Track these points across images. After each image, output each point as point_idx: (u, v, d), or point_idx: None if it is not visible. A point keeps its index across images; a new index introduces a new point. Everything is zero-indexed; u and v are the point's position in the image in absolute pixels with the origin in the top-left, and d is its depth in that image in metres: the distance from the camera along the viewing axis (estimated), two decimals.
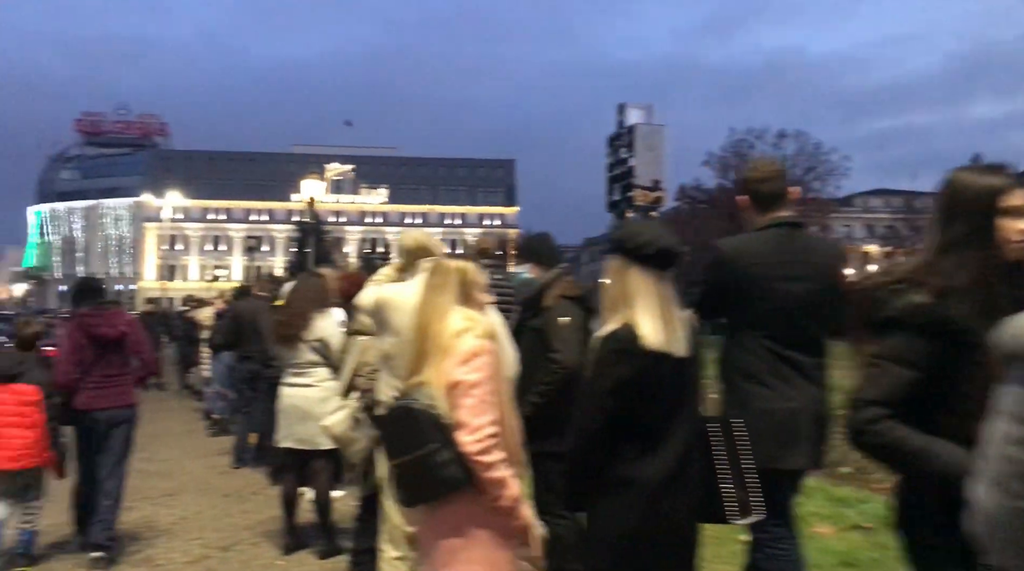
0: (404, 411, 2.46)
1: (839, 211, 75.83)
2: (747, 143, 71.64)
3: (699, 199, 72.59)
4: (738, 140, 71.29)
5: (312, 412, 5.26)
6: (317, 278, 5.53)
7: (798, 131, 71.06)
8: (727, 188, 71.53)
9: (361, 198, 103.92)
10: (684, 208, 74.56)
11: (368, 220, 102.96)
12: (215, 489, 7.51)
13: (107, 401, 5.43)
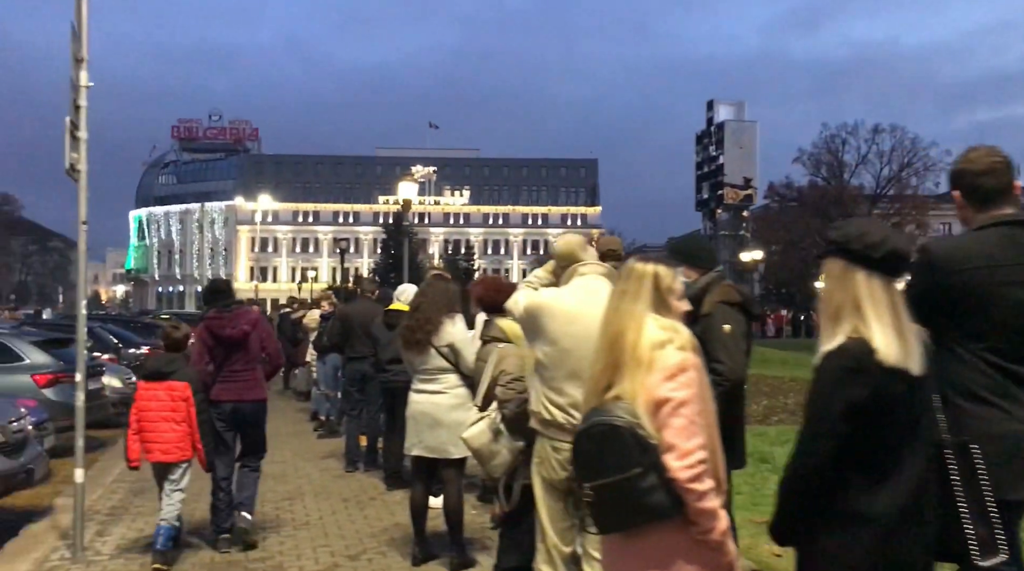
0: (607, 428, 2.24)
1: (939, 208, 72.79)
2: (840, 139, 69.76)
3: (789, 197, 70.88)
4: (830, 136, 69.42)
5: (442, 420, 5.12)
6: (446, 282, 5.38)
7: (893, 125, 68.67)
8: (818, 185, 69.76)
9: (444, 200, 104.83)
10: (773, 206, 72.94)
11: (450, 222, 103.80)
12: (333, 493, 7.47)
13: (233, 394, 5.83)
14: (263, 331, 6.15)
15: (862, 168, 70.08)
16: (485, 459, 4.21)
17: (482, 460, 4.25)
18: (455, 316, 5.25)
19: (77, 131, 5.72)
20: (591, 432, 2.28)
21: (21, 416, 6.79)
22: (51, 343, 10.49)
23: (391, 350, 7.45)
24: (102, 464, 9.22)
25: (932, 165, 67.30)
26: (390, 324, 7.53)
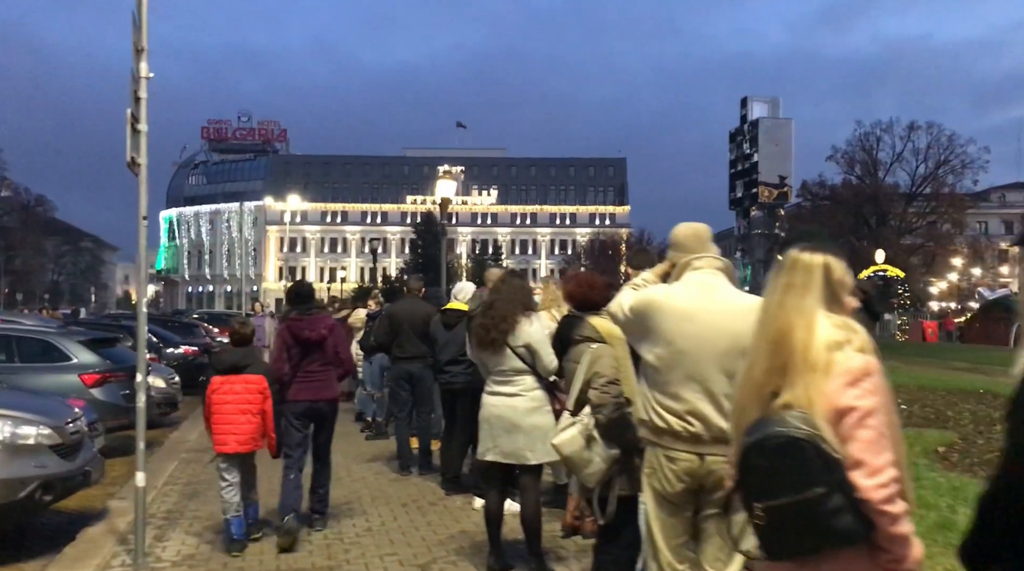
0: (785, 441, 1.97)
1: (976, 207, 71.60)
2: (874, 136, 68.78)
3: (821, 195, 69.99)
4: (864, 134, 68.47)
5: (519, 424, 4.89)
6: (521, 279, 5.14)
7: (929, 122, 67.58)
8: (852, 184, 68.83)
9: (472, 199, 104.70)
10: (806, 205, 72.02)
11: (478, 221, 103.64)
12: (391, 498, 7.26)
13: (310, 394, 6.14)
14: (338, 336, 6.45)
15: (897, 166, 69.18)
16: (578, 467, 3.96)
17: (574, 468, 4.00)
18: (532, 315, 5.01)
19: (138, 124, 5.54)
20: (765, 445, 2.01)
21: (77, 417, 6.63)
22: (98, 342, 10.39)
23: (450, 350, 7.25)
24: (151, 466, 9.04)
25: (970, 162, 66.32)
26: (448, 324, 7.32)
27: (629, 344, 3.72)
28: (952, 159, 67.10)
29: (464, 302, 7.35)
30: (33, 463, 5.94)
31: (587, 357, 3.98)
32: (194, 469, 8.82)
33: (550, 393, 4.99)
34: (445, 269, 22.67)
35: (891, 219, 67.41)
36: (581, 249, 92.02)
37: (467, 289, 7.47)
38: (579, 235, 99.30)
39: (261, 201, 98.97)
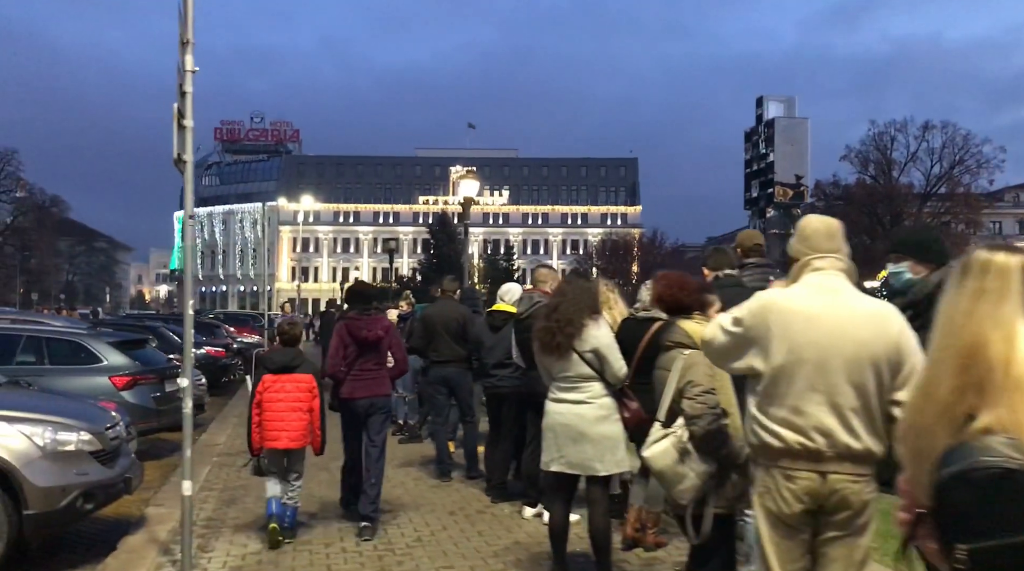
0: (997, 473, 1.72)
1: (991, 206, 70.97)
2: (888, 136, 68.18)
3: (835, 195, 69.44)
4: (878, 133, 67.94)
5: (587, 433, 4.66)
6: (586, 280, 4.91)
7: (944, 122, 66.98)
8: (866, 184, 68.29)
9: (483, 200, 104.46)
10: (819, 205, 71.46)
11: (490, 222, 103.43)
12: (436, 505, 7.05)
13: (367, 391, 6.29)
14: (394, 337, 6.63)
15: (911, 166, 68.57)
16: (670, 483, 3.73)
17: (666, 484, 3.76)
18: (599, 318, 4.78)
19: (184, 119, 5.34)
20: (971, 477, 1.75)
21: (116, 422, 6.44)
22: (128, 344, 10.22)
23: (496, 353, 7.05)
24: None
25: (985, 162, 65.68)
26: (494, 326, 7.12)
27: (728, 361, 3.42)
28: (967, 159, 66.50)
29: (511, 304, 7.14)
30: (74, 470, 5.75)
31: (679, 364, 3.75)
32: (228, 474, 8.64)
33: (618, 401, 4.76)
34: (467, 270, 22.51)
35: (905, 219, 66.86)
36: (593, 249, 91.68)
37: (514, 290, 7.26)
38: (591, 235, 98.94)
39: (274, 201, 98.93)
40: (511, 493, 7.10)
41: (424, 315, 8.17)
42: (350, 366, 6.27)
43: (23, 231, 75.58)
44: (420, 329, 8.13)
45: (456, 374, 8.00)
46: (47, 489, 5.55)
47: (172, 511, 7.03)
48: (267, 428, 6.00)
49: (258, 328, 28.99)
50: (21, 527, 5.48)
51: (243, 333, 26.41)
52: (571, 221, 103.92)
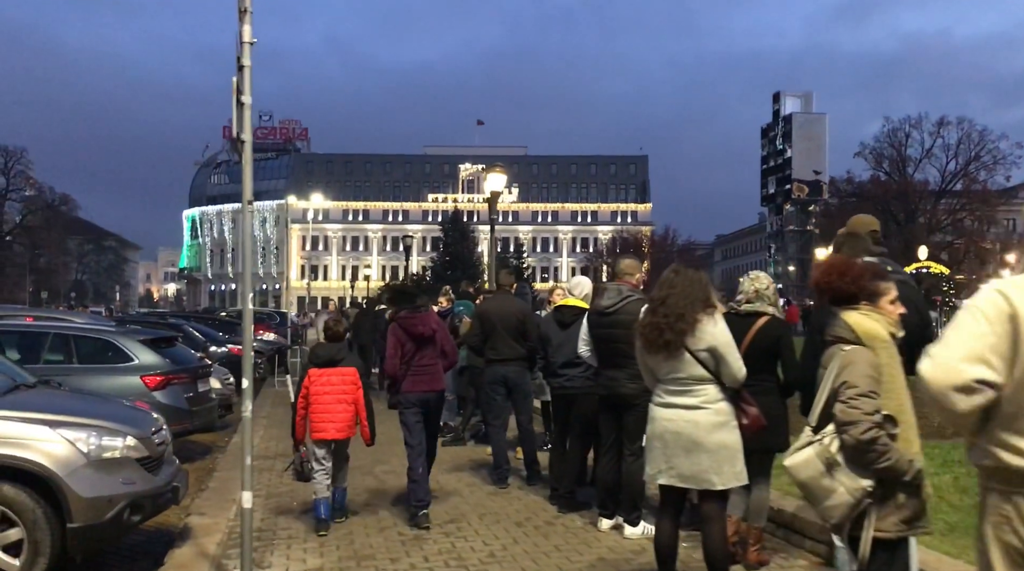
0: None
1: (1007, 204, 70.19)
2: (903, 132, 67.49)
3: (848, 192, 68.74)
4: (893, 129, 67.28)
5: (702, 442, 4.17)
6: (696, 271, 4.42)
7: (960, 117, 66.27)
8: (880, 180, 67.61)
9: None
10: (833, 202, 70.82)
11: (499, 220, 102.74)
12: (500, 515, 6.56)
13: (424, 385, 6.47)
14: (444, 331, 6.76)
15: (926, 162, 67.91)
16: (816, 497, 3.25)
17: (811, 498, 3.29)
18: (714, 312, 4.29)
19: (242, 96, 4.88)
20: None
21: (161, 426, 5.98)
22: (158, 342, 9.76)
23: (565, 352, 6.57)
24: (222, 474, 8.44)
25: (1002, 158, 64.96)
26: (563, 322, 6.63)
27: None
28: (983, 155, 65.83)
29: (580, 298, 6.66)
30: (120, 479, 5.29)
31: (836, 362, 3.27)
32: (270, 479, 8.19)
33: (735, 405, 4.28)
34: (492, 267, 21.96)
35: (919, 216, 66.22)
36: (603, 247, 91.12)
37: (583, 284, 6.77)
38: (601, 233, 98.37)
39: (283, 200, 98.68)
40: (580, 502, 6.62)
41: (481, 311, 7.67)
42: (408, 364, 6.42)
43: (32, 230, 75.38)
44: (477, 327, 7.64)
45: (516, 373, 7.53)
46: (92, 500, 5.09)
47: (216, 520, 6.60)
48: (314, 420, 6.29)
49: (275, 326, 28.57)
50: (64, 542, 5.04)
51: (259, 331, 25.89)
52: (581, 219, 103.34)
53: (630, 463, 5.82)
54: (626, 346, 5.74)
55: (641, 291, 5.94)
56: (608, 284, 6.03)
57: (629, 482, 5.79)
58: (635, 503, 5.80)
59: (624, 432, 5.86)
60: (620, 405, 5.81)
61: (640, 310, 5.75)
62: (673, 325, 4.20)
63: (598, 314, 5.90)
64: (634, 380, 5.72)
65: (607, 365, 5.88)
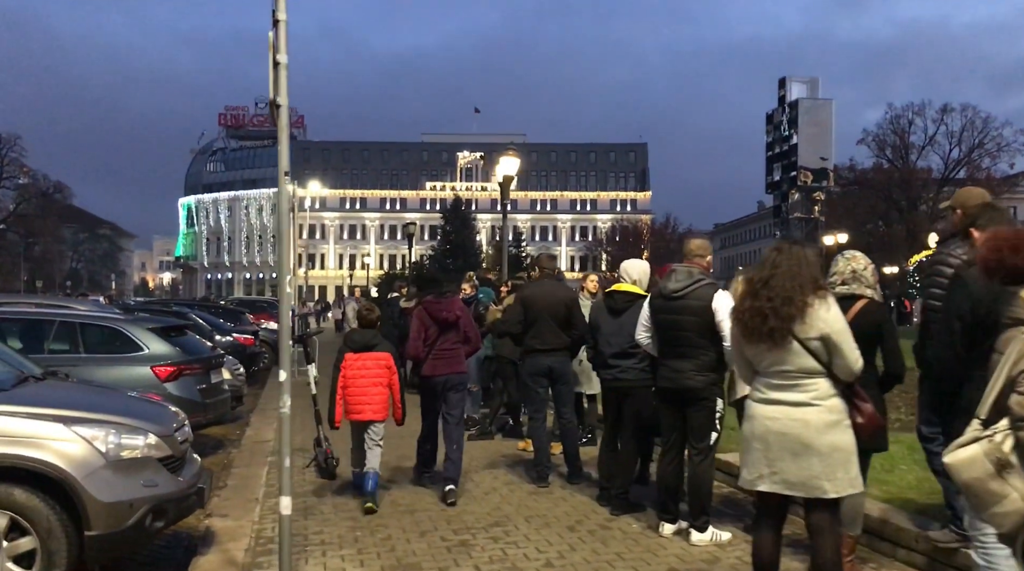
0: None
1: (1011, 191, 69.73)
2: (906, 119, 66.88)
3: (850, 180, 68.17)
4: (895, 116, 66.72)
5: (813, 443, 3.68)
6: (803, 248, 3.89)
7: (964, 104, 65.71)
8: (883, 168, 67.07)
9: (491, 186, 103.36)
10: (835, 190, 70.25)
11: (497, 208, 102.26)
12: (548, 518, 6.07)
13: (447, 368, 6.73)
14: (468, 317, 7.07)
15: (929, 149, 67.36)
16: (982, 502, 2.77)
17: (977, 502, 2.81)
18: (827, 295, 3.78)
19: (278, 54, 4.36)
20: None
21: (183, 423, 5.48)
22: (168, 330, 9.24)
23: (618, 341, 6.08)
24: (241, 471, 7.94)
25: (1006, 145, 64.40)
26: (615, 309, 6.12)
27: None
28: (987, 142, 65.30)
29: (637, 283, 6.15)
30: (142, 481, 4.79)
31: (1015, 347, 2.78)
32: (292, 475, 7.66)
33: (848, 402, 3.78)
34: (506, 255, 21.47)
35: (922, 204, 65.79)
36: (603, 236, 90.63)
37: (639, 267, 6.26)
38: (600, 222, 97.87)
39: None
40: (634, 504, 6.14)
41: (525, 297, 7.14)
42: (431, 347, 6.69)
43: (26, 218, 74.46)
44: (519, 313, 7.11)
45: (560, 364, 7.03)
46: (112, 505, 4.59)
47: (240, 523, 6.11)
48: (350, 402, 6.50)
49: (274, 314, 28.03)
50: (81, 551, 4.54)
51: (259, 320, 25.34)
52: (580, 207, 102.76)
53: (697, 463, 5.34)
54: (694, 335, 5.26)
55: (711, 275, 5.46)
56: (678, 266, 5.53)
57: (696, 484, 5.31)
58: (703, 507, 5.32)
59: (690, 429, 5.38)
60: (685, 399, 5.32)
61: (712, 296, 5.28)
62: (779, 310, 3.70)
63: (664, 298, 5.41)
64: (702, 372, 5.25)
65: (671, 355, 5.39)
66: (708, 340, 5.26)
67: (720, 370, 5.35)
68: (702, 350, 5.26)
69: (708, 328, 5.24)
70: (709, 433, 5.31)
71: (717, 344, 5.25)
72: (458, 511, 6.29)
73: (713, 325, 5.23)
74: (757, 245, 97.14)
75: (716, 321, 5.21)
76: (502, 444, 9.07)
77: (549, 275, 7.41)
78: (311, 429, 10.05)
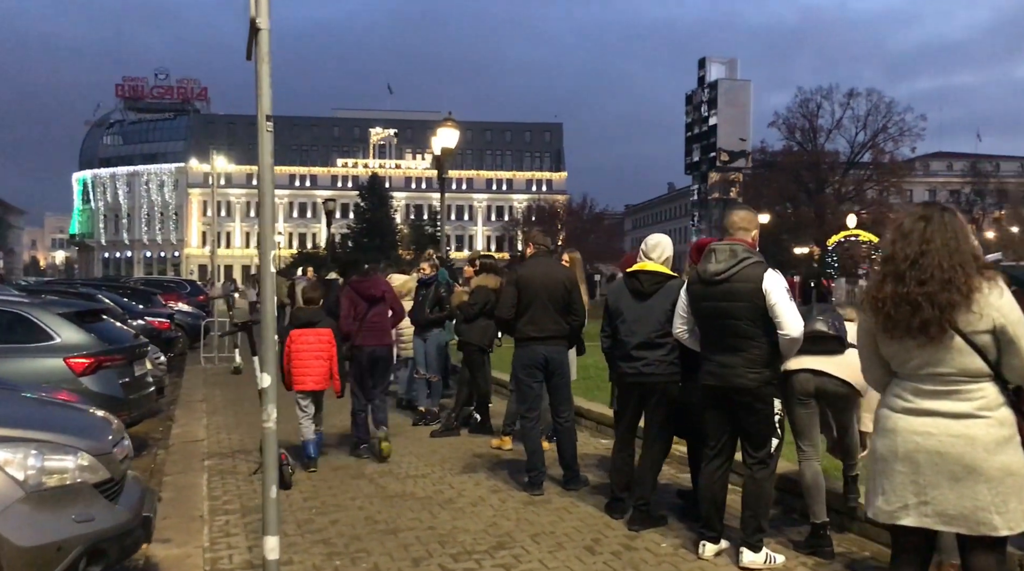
0: None
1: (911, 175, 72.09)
2: (814, 103, 68.25)
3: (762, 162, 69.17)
4: (804, 100, 68.07)
5: (978, 466, 2.88)
6: (955, 215, 3.08)
7: (870, 89, 67.42)
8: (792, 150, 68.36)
9: (405, 163, 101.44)
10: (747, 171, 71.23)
11: (412, 186, 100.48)
12: (559, 536, 5.17)
13: (374, 340, 7.50)
14: (392, 293, 7.91)
15: (836, 133, 69.02)
16: None
17: None
18: (996, 276, 2.97)
19: None
20: None
21: (121, 434, 4.37)
22: (82, 316, 7.96)
23: (644, 330, 5.23)
24: (175, 479, 6.79)
25: (908, 130, 66.40)
26: (640, 292, 5.26)
27: None
28: (890, 127, 67.27)
29: (661, 261, 5.29)
30: (73, 515, 3.69)
31: None
32: (239, 486, 6.60)
33: (1017, 412, 3.00)
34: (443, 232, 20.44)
35: (828, 186, 67.43)
36: (519, 216, 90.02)
37: (663, 243, 5.39)
38: (516, 202, 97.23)
39: (182, 163, 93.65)
40: (656, 517, 5.32)
41: (521, 277, 6.17)
42: (360, 321, 7.44)
43: None
44: (513, 296, 6.16)
45: (558, 354, 6.15)
46: (34, 550, 3.51)
47: (187, 552, 5.05)
48: (296, 374, 7.02)
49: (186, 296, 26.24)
50: None
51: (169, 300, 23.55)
52: (496, 187, 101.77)
53: (755, 472, 4.54)
54: (745, 324, 4.45)
55: (760, 253, 4.64)
56: (718, 244, 4.68)
57: (754, 497, 4.52)
58: (759, 522, 4.53)
59: (745, 436, 4.59)
60: (736, 401, 4.52)
61: (762, 276, 4.48)
62: (936, 297, 2.89)
63: (704, 283, 4.57)
64: (755, 367, 4.45)
65: (717, 349, 4.57)
66: (761, 329, 4.45)
67: (775, 365, 4.55)
68: (754, 342, 4.46)
69: (760, 315, 4.44)
70: (768, 439, 4.52)
71: (771, 333, 4.45)
72: (450, 529, 5.35)
73: (765, 311, 4.43)
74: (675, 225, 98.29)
75: (768, 305, 4.41)
76: (471, 441, 8.15)
77: (544, 253, 6.48)
78: (248, 427, 8.95)
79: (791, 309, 4.41)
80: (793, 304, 4.44)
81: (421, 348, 9.07)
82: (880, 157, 67.24)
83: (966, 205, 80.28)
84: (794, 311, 4.41)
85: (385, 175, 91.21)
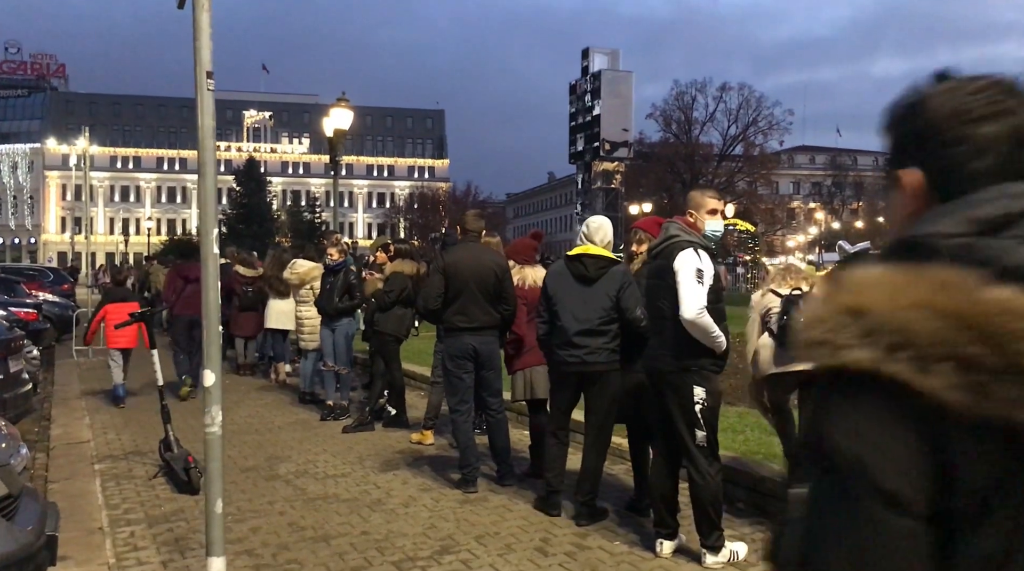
0: None
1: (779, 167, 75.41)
2: (689, 96, 70.38)
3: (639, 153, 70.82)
4: (680, 92, 70.13)
5: None
6: None
7: (741, 83, 70.14)
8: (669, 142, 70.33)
9: (282, 147, 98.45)
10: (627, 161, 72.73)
11: (289, 171, 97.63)
12: (505, 536, 4.89)
13: (193, 310, 8.65)
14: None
15: (710, 126, 71.39)
16: None
17: None
18: None
19: None
20: None
21: (18, 443, 3.80)
22: None
23: (587, 316, 5.03)
24: (62, 487, 6.12)
25: (776, 124, 69.38)
26: (585, 277, 5.04)
27: None
28: (760, 120, 70.12)
29: (603, 245, 5.06)
30: None
31: None
32: (140, 491, 6.01)
33: None
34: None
35: (702, 177, 69.77)
36: (401, 203, 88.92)
37: (605, 227, 5.15)
38: (398, 188, 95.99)
39: (37, 143, 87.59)
40: (599, 510, 5.12)
41: (449, 264, 5.81)
42: (178, 296, 9.82)
43: None
44: (440, 285, 5.81)
45: (488, 345, 5.86)
46: None
47: (89, 568, 4.50)
48: (111, 336, 9.29)
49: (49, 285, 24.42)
50: None
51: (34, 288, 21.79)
52: (377, 173, 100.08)
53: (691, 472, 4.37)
54: (660, 304, 4.30)
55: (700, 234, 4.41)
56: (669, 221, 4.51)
57: (700, 495, 4.33)
58: (714, 522, 4.36)
59: (674, 425, 4.39)
60: (661, 386, 4.35)
61: (682, 255, 4.25)
62: None
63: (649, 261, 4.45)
64: (668, 349, 4.29)
65: (652, 331, 4.45)
66: (673, 310, 4.24)
67: (698, 351, 4.26)
68: (674, 323, 4.25)
69: (672, 295, 4.24)
70: (694, 428, 4.29)
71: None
72: (386, 534, 4.98)
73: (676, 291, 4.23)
74: (551, 214, 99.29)
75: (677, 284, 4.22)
76: (388, 436, 7.75)
77: (475, 238, 6.14)
78: (139, 425, 8.27)
79: (691, 289, 4.17)
80: (699, 285, 4.21)
81: (329, 339, 8.57)
82: (751, 150, 70.02)
83: (827, 197, 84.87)
84: (693, 291, 4.17)
85: (261, 159, 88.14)
